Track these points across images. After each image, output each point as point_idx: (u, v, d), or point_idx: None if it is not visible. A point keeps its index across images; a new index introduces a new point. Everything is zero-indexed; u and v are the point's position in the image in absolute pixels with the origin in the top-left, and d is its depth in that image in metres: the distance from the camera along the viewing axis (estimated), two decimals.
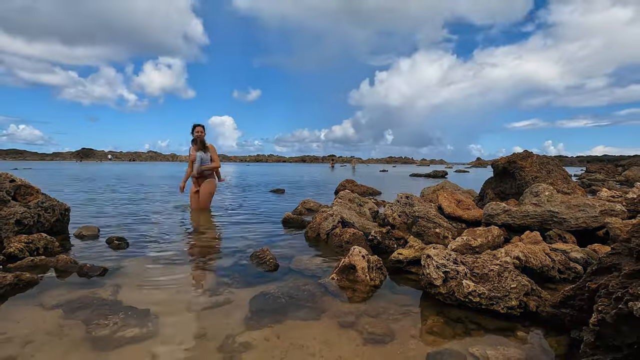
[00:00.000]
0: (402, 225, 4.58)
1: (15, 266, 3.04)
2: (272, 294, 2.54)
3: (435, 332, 2.09)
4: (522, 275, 2.44)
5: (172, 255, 3.57)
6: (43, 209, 4.11)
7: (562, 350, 1.89)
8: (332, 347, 1.90)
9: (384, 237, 4.00)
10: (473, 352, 1.86)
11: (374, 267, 2.94)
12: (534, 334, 2.06)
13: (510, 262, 2.75)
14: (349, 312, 2.33)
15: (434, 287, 2.43)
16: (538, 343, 1.97)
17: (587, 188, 8.86)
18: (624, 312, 1.50)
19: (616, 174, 19.89)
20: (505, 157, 5.95)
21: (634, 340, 1.49)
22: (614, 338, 1.56)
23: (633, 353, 1.46)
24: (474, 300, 2.28)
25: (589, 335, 1.67)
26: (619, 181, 15.12)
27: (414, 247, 3.48)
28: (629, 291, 1.50)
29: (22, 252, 3.35)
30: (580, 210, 3.84)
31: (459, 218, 4.89)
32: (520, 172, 5.46)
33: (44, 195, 4.27)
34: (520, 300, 2.28)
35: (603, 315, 1.62)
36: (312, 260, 3.43)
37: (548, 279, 2.93)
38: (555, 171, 5.34)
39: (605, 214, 4.03)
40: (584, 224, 3.80)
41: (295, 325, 2.14)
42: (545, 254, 3.04)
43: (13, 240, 3.45)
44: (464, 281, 2.35)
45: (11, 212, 3.69)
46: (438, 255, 2.56)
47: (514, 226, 4.07)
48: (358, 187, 10.70)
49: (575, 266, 3.02)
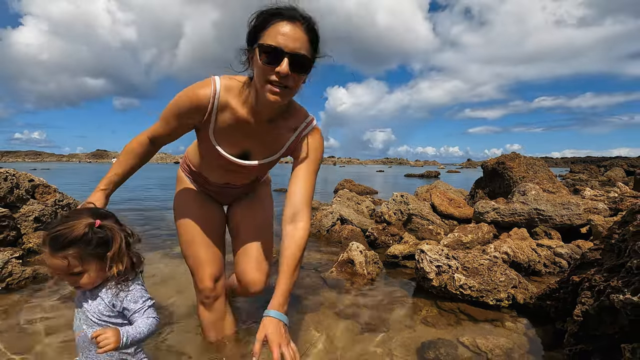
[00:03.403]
0: (398, 223, 4.59)
1: (34, 260, 3.05)
2: None
3: (428, 322, 2.10)
4: (510, 269, 2.45)
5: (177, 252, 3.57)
6: (60, 207, 4.11)
7: (548, 340, 1.90)
8: (331, 337, 1.91)
9: (381, 234, 4.01)
10: (463, 341, 1.86)
11: (371, 261, 2.94)
12: (521, 325, 2.07)
13: (499, 257, 2.76)
14: (348, 304, 2.33)
15: (428, 280, 2.43)
16: (525, 333, 1.97)
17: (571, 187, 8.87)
18: (605, 304, 1.50)
19: (599, 175, 19.88)
20: (494, 159, 5.95)
21: (615, 330, 1.49)
22: (596, 329, 1.57)
23: (614, 343, 1.46)
24: (465, 293, 2.29)
25: (572, 326, 1.67)
26: (602, 181, 15.11)
27: (409, 243, 3.49)
28: (610, 284, 1.50)
29: (40, 248, 3.36)
30: (565, 208, 3.84)
31: (451, 215, 4.89)
32: (508, 172, 5.47)
33: (60, 194, 4.27)
34: (508, 293, 2.28)
35: (586, 307, 1.62)
36: (313, 255, 3.43)
37: (534, 272, 2.93)
38: (541, 171, 5.35)
39: (588, 212, 4.03)
40: (569, 221, 3.80)
41: (296, 316, 2.14)
42: (531, 250, 3.04)
43: (32, 236, 3.46)
44: (455, 275, 2.36)
45: (30, 210, 3.70)
46: (431, 250, 2.57)
47: (502, 223, 4.07)
48: (356, 187, 10.71)
49: (560, 261, 3.03)
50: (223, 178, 1.47)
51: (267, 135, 1.28)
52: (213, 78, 1.20)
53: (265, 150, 1.34)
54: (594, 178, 17.16)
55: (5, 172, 3.67)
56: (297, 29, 1.03)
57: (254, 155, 1.34)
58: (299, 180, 1.24)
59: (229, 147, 1.30)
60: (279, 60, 1.01)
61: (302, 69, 1.06)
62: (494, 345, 1.82)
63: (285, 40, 1.00)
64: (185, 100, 1.18)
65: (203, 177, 1.49)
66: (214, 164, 1.38)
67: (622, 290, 1.38)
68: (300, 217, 1.20)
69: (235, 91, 1.20)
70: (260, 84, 1.07)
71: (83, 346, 1.01)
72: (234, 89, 1.20)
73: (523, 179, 5.18)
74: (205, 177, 1.48)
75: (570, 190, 7.30)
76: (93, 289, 1.04)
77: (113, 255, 1.02)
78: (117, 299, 1.03)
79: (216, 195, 1.60)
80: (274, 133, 1.29)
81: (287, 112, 1.26)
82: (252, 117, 1.21)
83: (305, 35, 1.05)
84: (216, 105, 1.18)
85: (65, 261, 0.97)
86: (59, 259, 0.96)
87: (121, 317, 1.03)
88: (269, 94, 1.06)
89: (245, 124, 1.22)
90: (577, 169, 23.98)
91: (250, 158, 1.34)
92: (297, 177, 1.25)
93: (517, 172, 5.37)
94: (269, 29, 1.03)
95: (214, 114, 1.20)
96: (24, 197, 3.76)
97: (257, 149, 1.32)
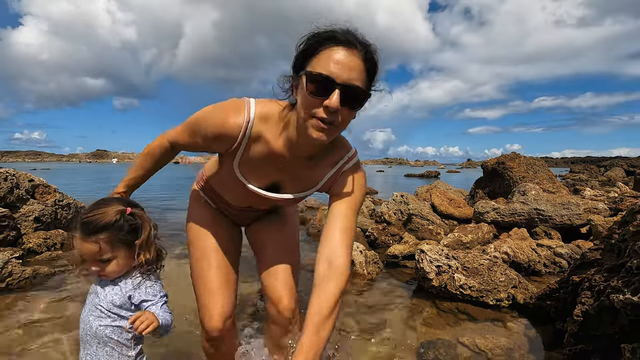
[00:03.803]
0: (398, 223, 4.58)
1: (34, 260, 3.05)
2: None
3: (428, 322, 2.10)
4: (510, 269, 2.45)
5: (183, 249, 3.57)
6: (60, 207, 4.11)
7: (548, 340, 1.90)
8: (332, 337, 1.91)
9: (381, 234, 4.01)
10: (463, 341, 1.86)
11: (371, 261, 2.94)
12: (521, 325, 2.07)
13: (499, 257, 2.76)
14: (348, 304, 2.33)
15: (428, 280, 2.43)
16: (525, 333, 1.97)
17: (571, 187, 8.87)
18: (605, 304, 1.50)
19: (599, 175, 19.88)
20: (494, 159, 5.95)
21: (614, 330, 1.49)
22: (596, 329, 1.57)
23: (614, 343, 1.46)
24: (465, 293, 2.28)
25: (572, 326, 1.67)
26: (602, 181, 15.11)
27: (409, 243, 3.49)
28: (610, 284, 1.50)
29: (40, 247, 3.35)
30: (565, 208, 3.84)
31: (451, 215, 4.89)
32: (508, 172, 5.46)
33: (60, 194, 4.27)
34: (508, 293, 2.28)
35: (586, 307, 1.62)
36: (312, 255, 3.43)
37: (534, 272, 2.93)
38: (541, 171, 5.34)
39: (588, 212, 4.03)
40: (569, 221, 3.80)
41: None
42: (531, 250, 3.04)
43: (32, 236, 3.46)
44: (455, 275, 2.36)
45: (30, 210, 3.70)
46: (431, 250, 2.57)
47: (502, 223, 4.07)
48: None
49: (560, 261, 3.03)
50: (245, 202, 1.29)
51: (303, 170, 1.12)
52: (248, 103, 1.03)
53: (298, 185, 1.17)
54: (594, 178, 17.16)
55: (5, 172, 3.67)
56: (353, 57, 0.87)
57: (285, 189, 1.18)
58: (338, 220, 1.05)
59: (256, 180, 1.15)
60: (329, 92, 0.85)
61: (354, 103, 0.90)
62: (494, 345, 1.82)
63: (338, 69, 0.85)
64: (212, 125, 1.03)
65: (221, 198, 1.32)
66: (236, 190, 1.21)
67: (622, 290, 1.38)
68: (337, 255, 0.99)
69: (272, 120, 1.03)
70: (303, 117, 0.91)
71: (85, 339, 1.00)
72: (271, 117, 1.03)
73: (523, 179, 5.18)
74: (224, 198, 1.32)
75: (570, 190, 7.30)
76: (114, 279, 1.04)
77: (142, 243, 1.03)
78: (137, 290, 1.02)
79: (234, 217, 1.43)
80: (311, 168, 1.11)
81: (329, 147, 1.08)
82: (288, 151, 1.05)
83: (362, 64, 0.89)
84: (247, 137, 1.02)
85: (96, 245, 0.97)
86: (90, 244, 0.97)
87: (131, 312, 1.02)
88: (313, 130, 0.90)
89: (278, 157, 1.06)
90: (577, 169, 23.98)
91: (281, 191, 1.18)
92: (335, 216, 1.06)
93: (517, 172, 5.37)
94: (320, 54, 0.88)
95: (243, 145, 1.04)
96: (24, 197, 3.76)
97: (290, 183, 1.16)
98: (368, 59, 0.91)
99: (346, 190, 1.09)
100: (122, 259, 1.02)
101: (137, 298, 1.02)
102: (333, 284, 0.95)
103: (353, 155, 1.13)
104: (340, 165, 1.11)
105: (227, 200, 1.31)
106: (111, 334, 0.99)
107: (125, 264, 1.03)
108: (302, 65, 0.92)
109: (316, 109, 0.88)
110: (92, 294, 1.06)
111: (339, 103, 0.86)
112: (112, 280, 1.04)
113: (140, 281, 1.04)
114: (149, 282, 1.05)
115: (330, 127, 0.90)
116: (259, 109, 1.03)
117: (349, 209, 1.08)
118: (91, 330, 1.00)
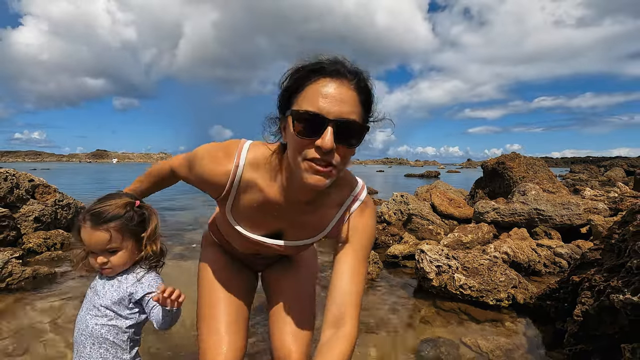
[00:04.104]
0: (398, 223, 4.59)
1: (34, 260, 3.05)
2: None
3: (428, 322, 2.10)
4: (510, 269, 2.45)
5: (183, 249, 3.57)
6: (60, 207, 4.11)
7: (548, 340, 1.90)
8: None
9: (381, 234, 4.01)
10: (465, 341, 1.86)
11: (371, 261, 2.94)
12: (521, 325, 2.07)
13: (499, 257, 2.76)
14: None
15: (428, 280, 2.43)
16: (525, 333, 1.97)
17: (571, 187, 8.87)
18: (605, 304, 1.50)
19: (599, 175, 19.89)
20: (494, 159, 5.96)
21: (615, 330, 1.49)
22: (596, 329, 1.57)
23: (614, 343, 1.46)
24: (465, 293, 2.28)
25: (572, 326, 1.67)
26: (602, 181, 15.11)
27: (409, 242, 3.49)
28: (610, 284, 1.50)
29: (40, 247, 3.35)
30: (565, 208, 3.84)
31: (451, 215, 4.89)
32: (508, 172, 5.47)
33: (60, 194, 4.27)
34: (508, 293, 2.28)
35: (586, 307, 1.62)
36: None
37: (534, 272, 2.93)
38: (541, 171, 5.35)
39: (588, 212, 4.03)
40: (569, 221, 3.80)
41: None
42: (531, 250, 3.04)
43: (32, 236, 3.46)
44: (455, 275, 2.36)
45: (30, 210, 3.70)
46: (431, 250, 2.57)
47: (502, 223, 4.07)
48: None
49: (560, 261, 3.03)
50: (250, 249, 1.19)
51: (304, 216, 1.01)
52: (240, 147, 0.95)
53: (301, 232, 1.07)
54: (594, 178, 17.17)
55: (5, 172, 3.67)
56: (344, 88, 0.77)
57: (287, 236, 1.08)
58: (345, 271, 0.94)
59: (253, 228, 1.06)
60: (320, 131, 0.75)
61: (351, 139, 0.79)
62: (494, 345, 1.82)
63: (328, 104, 0.75)
64: (201, 169, 0.97)
65: (229, 243, 1.24)
66: (237, 237, 1.12)
67: (622, 290, 1.38)
68: (344, 321, 0.90)
69: (264, 166, 0.95)
70: (295, 162, 0.82)
71: (79, 341, 1.00)
72: (263, 163, 0.95)
73: (523, 179, 5.18)
74: (233, 245, 1.23)
75: (570, 190, 7.30)
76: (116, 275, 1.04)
77: (150, 234, 1.05)
78: (139, 284, 1.02)
79: (246, 262, 1.35)
80: (313, 213, 1.01)
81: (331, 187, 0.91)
82: (284, 198, 0.96)
83: (355, 95, 0.78)
84: (236, 186, 0.95)
85: (107, 234, 0.98)
86: (102, 232, 0.98)
87: (129, 310, 1.03)
88: (308, 175, 0.79)
89: (274, 205, 0.98)
90: (577, 169, 24.00)
91: (284, 238, 1.09)
92: (342, 266, 0.95)
93: (517, 172, 5.37)
94: (307, 89, 0.78)
95: (232, 194, 0.98)
96: (24, 197, 3.76)
97: (292, 230, 1.07)
98: (361, 88, 0.80)
99: (354, 238, 0.98)
100: (128, 251, 1.03)
101: (140, 292, 1.01)
102: (338, 349, 0.87)
103: (360, 191, 1.01)
104: (347, 205, 1.00)
105: (236, 248, 1.23)
106: (107, 334, 0.98)
107: (130, 257, 1.04)
108: (287, 104, 0.82)
109: (308, 150, 0.78)
110: (90, 292, 1.05)
111: (333, 142, 0.75)
112: (111, 278, 1.04)
113: (143, 275, 1.04)
114: (151, 275, 1.05)
115: (327, 170, 0.79)
116: (251, 154, 0.95)
117: (358, 261, 0.97)
118: (87, 330, 0.99)
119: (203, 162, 0.96)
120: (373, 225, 1.03)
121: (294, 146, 0.80)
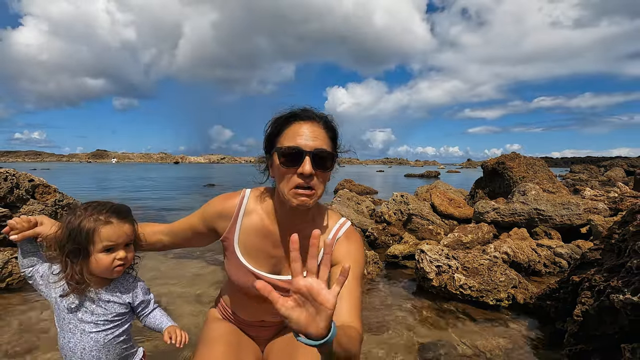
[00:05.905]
0: (398, 223, 4.59)
1: None
2: None
3: (428, 322, 2.10)
4: (510, 269, 2.45)
5: (182, 251, 3.57)
6: (60, 207, 4.11)
7: (548, 340, 1.90)
8: None
9: (381, 234, 4.01)
10: (465, 341, 1.86)
11: (371, 261, 2.94)
12: (521, 325, 2.07)
13: (499, 257, 2.76)
14: None
15: (428, 280, 2.43)
16: (525, 333, 1.97)
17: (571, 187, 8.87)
18: (605, 304, 1.50)
19: (599, 175, 19.88)
20: (494, 159, 5.96)
21: (614, 330, 1.49)
22: (596, 329, 1.57)
23: (614, 343, 1.46)
24: (465, 293, 2.29)
25: (572, 326, 1.67)
26: (602, 181, 15.11)
27: (409, 242, 3.49)
28: (610, 284, 1.50)
29: None
30: (565, 208, 3.84)
31: (451, 215, 4.89)
32: (508, 172, 5.47)
33: (60, 194, 4.27)
34: (508, 293, 2.28)
35: (586, 307, 1.62)
36: None
37: (534, 272, 2.93)
38: (541, 171, 5.35)
39: (588, 212, 4.03)
40: (569, 221, 3.80)
41: None
42: (531, 250, 3.05)
43: None
44: (455, 275, 2.36)
45: (30, 210, 3.70)
46: (431, 250, 2.57)
47: (502, 223, 4.07)
48: (356, 187, 10.71)
49: (560, 261, 3.03)
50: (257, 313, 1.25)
51: None
52: (244, 189, 1.18)
53: None
54: (594, 178, 17.17)
55: (5, 172, 3.67)
56: (315, 127, 1.00)
57: (285, 271, 1.18)
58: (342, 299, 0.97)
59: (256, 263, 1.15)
60: (300, 161, 0.96)
61: (325, 164, 1.00)
62: (494, 345, 1.82)
63: (304, 139, 0.97)
64: (211, 207, 1.17)
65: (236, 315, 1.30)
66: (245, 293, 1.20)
67: (622, 290, 1.38)
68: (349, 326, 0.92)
69: (264, 200, 1.16)
70: (283, 191, 1.00)
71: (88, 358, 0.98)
72: (263, 197, 1.16)
73: (523, 179, 5.18)
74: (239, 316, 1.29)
75: (570, 190, 7.31)
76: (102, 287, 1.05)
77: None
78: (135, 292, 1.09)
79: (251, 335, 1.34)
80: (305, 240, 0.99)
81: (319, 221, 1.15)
82: (278, 223, 1.13)
83: (324, 132, 1.01)
84: (242, 213, 1.14)
85: (133, 224, 1.06)
86: (128, 223, 1.05)
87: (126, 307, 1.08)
88: (294, 199, 0.98)
89: (272, 231, 1.14)
90: (577, 169, 23.99)
91: (283, 274, 1.18)
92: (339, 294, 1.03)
93: (517, 172, 5.37)
94: (286, 132, 1.00)
95: (239, 221, 1.14)
96: (24, 197, 3.76)
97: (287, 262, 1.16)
98: (328, 127, 1.03)
99: (345, 259, 1.07)
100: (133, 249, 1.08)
101: (137, 300, 1.08)
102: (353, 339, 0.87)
103: (344, 222, 1.16)
104: (335, 231, 1.13)
105: (242, 317, 1.29)
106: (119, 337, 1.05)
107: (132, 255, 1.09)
108: (271, 145, 1.04)
109: (292, 177, 0.98)
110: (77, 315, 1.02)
111: (311, 168, 0.95)
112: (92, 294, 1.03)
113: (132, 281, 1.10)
114: (138, 282, 1.11)
115: (310, 193, 0.98)
116: (253, 192, 1.17)
117: (352, 281, 1.02)
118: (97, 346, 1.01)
119: (216, 200, 1.18)
120: (361, 249, 1.15)
121: (281, 176, 1.00)
